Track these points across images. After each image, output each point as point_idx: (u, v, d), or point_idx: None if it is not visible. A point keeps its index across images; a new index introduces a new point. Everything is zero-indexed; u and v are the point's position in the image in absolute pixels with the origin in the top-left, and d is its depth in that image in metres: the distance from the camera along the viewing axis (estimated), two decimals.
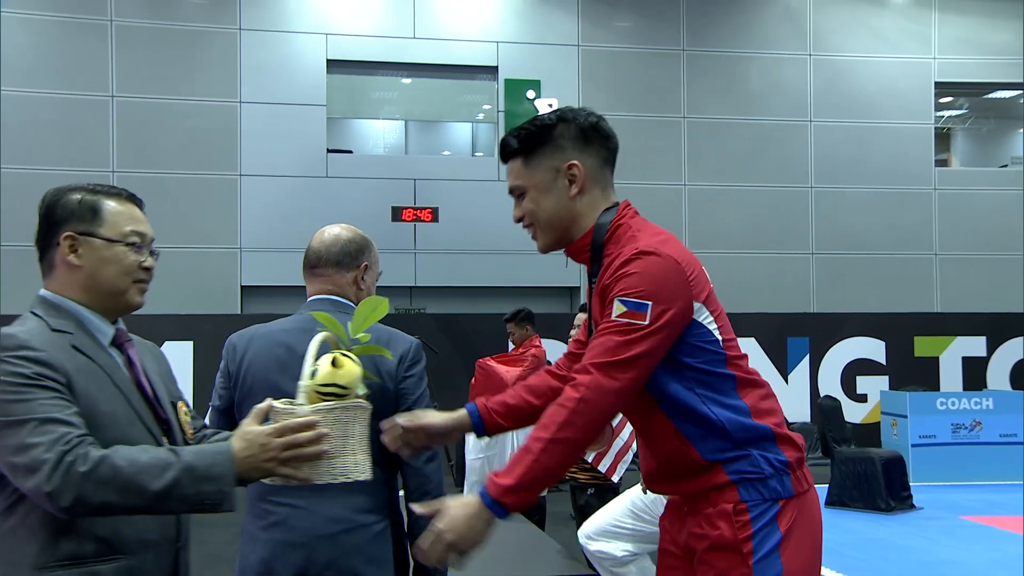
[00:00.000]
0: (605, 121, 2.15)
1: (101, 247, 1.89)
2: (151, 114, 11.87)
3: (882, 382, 11.87)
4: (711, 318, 2.02)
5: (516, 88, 12.82)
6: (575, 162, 2.07)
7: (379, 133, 13.97)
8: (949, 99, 14.50)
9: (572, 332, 7.22)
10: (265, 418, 1.84)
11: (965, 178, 13.96)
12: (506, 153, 2.14)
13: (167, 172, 11.81)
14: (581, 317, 7.24)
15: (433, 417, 2.19)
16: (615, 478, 5.07)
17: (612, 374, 1.89)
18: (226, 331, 2.69)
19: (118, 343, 1.94)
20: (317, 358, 1.92)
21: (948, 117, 14.75)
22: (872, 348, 12.06)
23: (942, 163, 14.44)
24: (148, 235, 1.95)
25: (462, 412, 2.22)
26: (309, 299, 2.52)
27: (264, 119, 12.14)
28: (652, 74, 13.17)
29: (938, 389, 11.64)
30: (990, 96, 14.64)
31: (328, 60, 12.44)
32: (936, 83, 13.83)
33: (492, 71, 12.90)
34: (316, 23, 12.46)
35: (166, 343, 9.52)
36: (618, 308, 1.91)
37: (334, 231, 2.55)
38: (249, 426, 1.81)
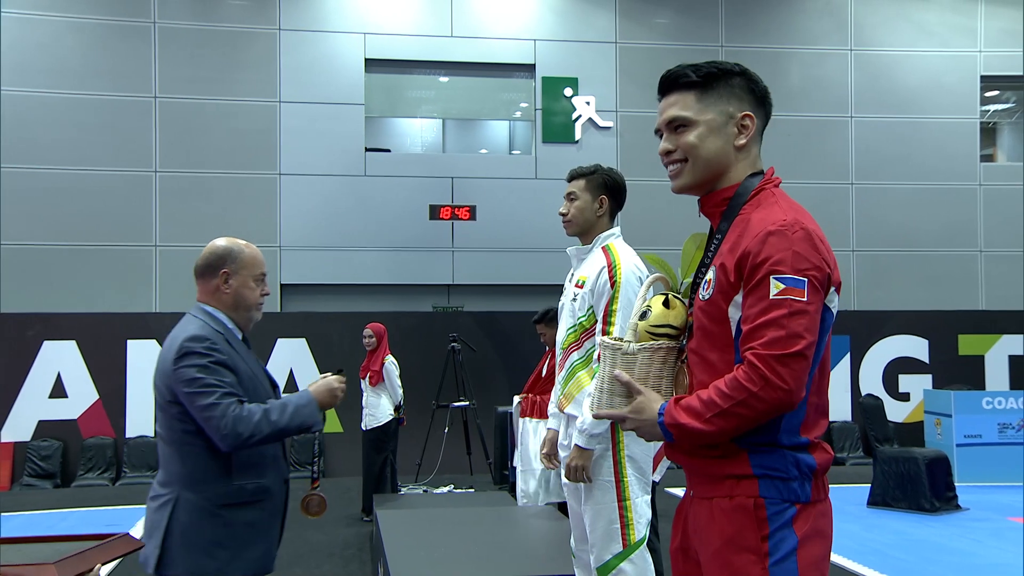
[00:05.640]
0: None
1: None
2: (193, 114, 12.03)
3: (925, 380, 11.70)
4: (834, 308, 1.97)
5: (553, 86, 12.80)
6: (751, 114, 2.04)
7: (417, 132, 14.01)
8: (995, 93, 14.24)
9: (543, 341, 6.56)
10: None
11: (1011, 173, 13.68)
12: (676, 83, 2.05)
13: (208, 172, 11.95)
14: (540, 329, 6.48)
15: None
16: (656, 477, 5.00)
17: (782, 373, 1.80)
18: (267, 329, 2.73)
19: None
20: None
21: (994, 111, 14.47)
22: (915, 346, 11.89)
23: (987, 158, 14.18)
24: None
25: None
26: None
27: (303, 118, 12.25)
28: None
29: (983, 388, 11.44)
30: None
31: (366, 59, 12.52)
32: (982, 76, 13.59)
33: (529, 69, 12.89)
34: (354, 23, 12.54)
35: None
36: (775, 286, 1.83)
37: (211, 244, 2.89)
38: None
